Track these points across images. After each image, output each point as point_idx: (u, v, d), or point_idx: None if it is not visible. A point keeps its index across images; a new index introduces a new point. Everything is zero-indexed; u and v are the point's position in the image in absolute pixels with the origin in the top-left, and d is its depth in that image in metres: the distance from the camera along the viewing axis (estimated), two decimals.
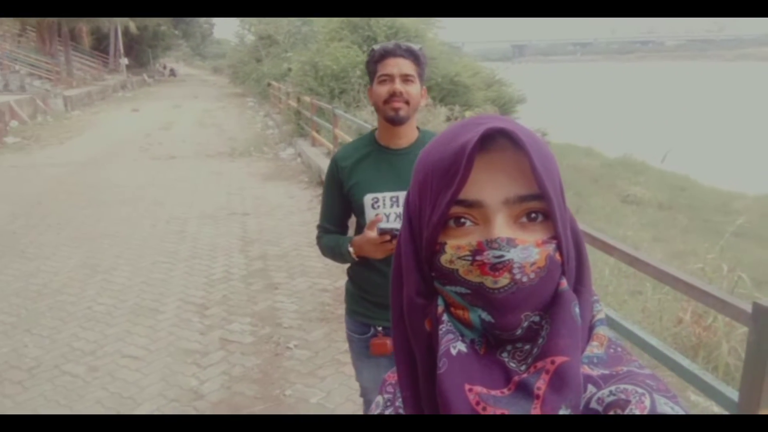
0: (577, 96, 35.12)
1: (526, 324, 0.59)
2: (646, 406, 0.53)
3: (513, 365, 0.59)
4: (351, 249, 1.89)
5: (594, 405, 0.56)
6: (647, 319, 4.09)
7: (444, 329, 0.61)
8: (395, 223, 1.79)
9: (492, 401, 0.56)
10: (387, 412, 0.74)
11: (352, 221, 2.08)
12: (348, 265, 2.09)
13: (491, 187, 0.59)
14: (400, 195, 1.90)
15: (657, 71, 67.79)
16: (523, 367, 0.58)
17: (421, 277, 0.64)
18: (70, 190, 9.09)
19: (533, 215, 0.60)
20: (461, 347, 0.59)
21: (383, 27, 13.15)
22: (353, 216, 2.06)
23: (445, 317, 0.61)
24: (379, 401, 0.77)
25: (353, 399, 3.31)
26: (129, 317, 4.55)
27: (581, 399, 0.56)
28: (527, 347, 0.59)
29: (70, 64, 29.84)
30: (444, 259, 0.61)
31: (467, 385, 0.57)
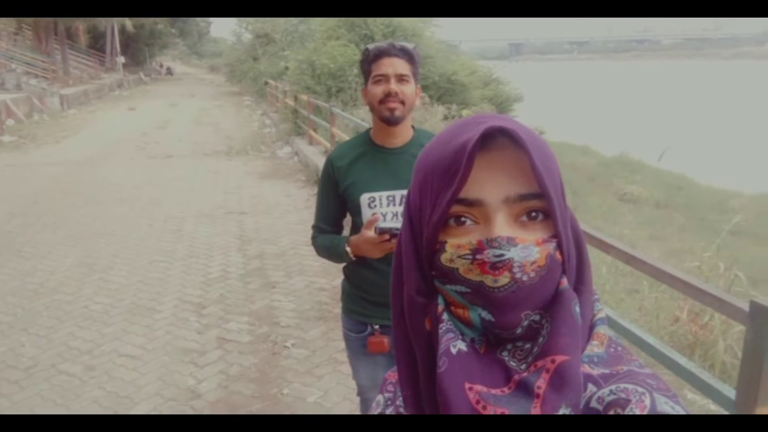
0: (574, 94, 35.15)
1: (526, 323, 0.59)
2: (646, 405, 0.53)
3: (513, 364, 0.59)
4: (348, 249, 1.89)
5: (594, 404, 0.56)
6: (644, 318, 4.10)
7: (444, 328, 0.61)
8: (394, 222, 1.79)
9: (492, 400, 0.56)
10: (388, 411, 0.74)
11: (347, 221, 2.08)
12: (344, 264, 2.09)
13: (491, 186, 0.59)
14: (396, 194, 1.90)
15: (653, 70, 67.87)
16: (524, 366, 0.58)
17: (422, 276, 0.64)
18: (66, 189, 9.07)
19: (533, 214, 0.59)
20: (461, 346, 0.59)
21: (380, 25, 13.12)
22: (348, 216, 2.06)
23: (446, 316, 0.61)
24: (380, 400, 0.77)
25: (350, 398, 3.31)
26: (126, 316, 4.54)
27: (581, 398, 0.56)
28: (527, 346, 0.59)
29: (66, 62, 29.75)
30: (444, 258, 0.60)
31: (467, 384, 0.57)
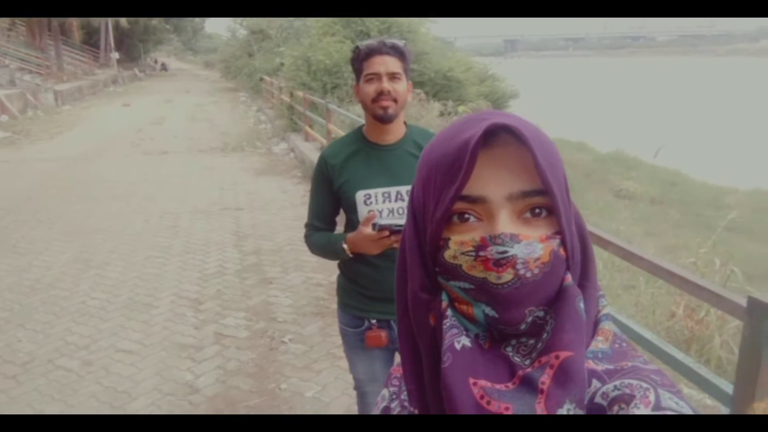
0: (569, 91, 35.17)
1: (530, 319, 0.59)
2: (650, 401, 0.53)
3: (517, 360, 0.59)
4: (345, 246, 1.89)
5: (598, 400, 0.56)
6: (640, 313, 4.12)
7: (448, 324, 0.61)
8: (392, 219, 1.79)
9: (496, 395, 0.56)
10: (392, 405, 0.75)
11: (339, 218, 2.08)
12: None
13: (495, 183, 0.59)
14: (391, 191, 1.91)
15: (648, 66, 67.94)
16: (528, 362, 0.58)
17: (425, 273, 0.64)
18: (61, 185, 9.03)
19: (537, 211, 0.59)
20: (465, 342, 0.59)
21: (376, 22, 13.09)
22: (341, 213, 2.06)
23: (449, 312, 0.62)
24: (385, 394, 0.78)
25: (348, 392, 3.31)
26: (123, 312, 4.53)
27: (585, 394, 0.56)
28: (532, 342, 0.59)
29: (60, 58, 29.60)
30: (448, 255, 0.61)
31: (471, 379, 0.57)
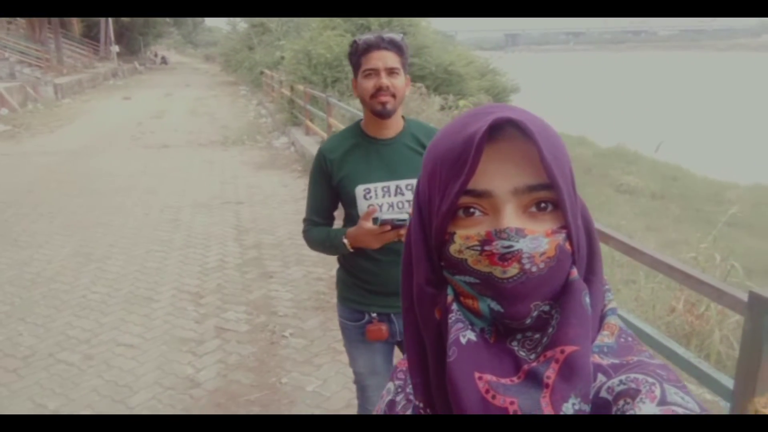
0: (570, 85, 35.11)
1: (535, 313, 0.59)
2: (656, 395, 0.53)
3: (523, 354, 0.59)
4: (346, 240, 1.89)
5: (604, 394, 0.56)
6: (640, 308, 4.12)
7: (453, 318, 0.61)
8: (394, 214, 1.80)
9: (501, 389, 0.56)
10: (398, 398, 0.75)
11: (338, 213, 2.08)
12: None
13: (500, 177, 0.59)
14: (390, 185, 1.91)
15: (649, 61, 67.82)
16: (533, 356, 0.58)
17: (431, 267, 0.64)
18: (61, 178, 9.03)
19: (543, 205, 0.59)
20: (471, 336, 0.59)
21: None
22: (339, 208, 2.06)
23: (455, 306, 0.61)
24: (390, 387, 0.78)
25: (349, 387, 3.32)
26: (124, 306, 4.54)
27: (591, 388, 0.56)
28: (537, 336, 0.59)
29: (60, 51, 29.54)
30: (453, 249, 0.60)
31: (477, 373, 0.57)
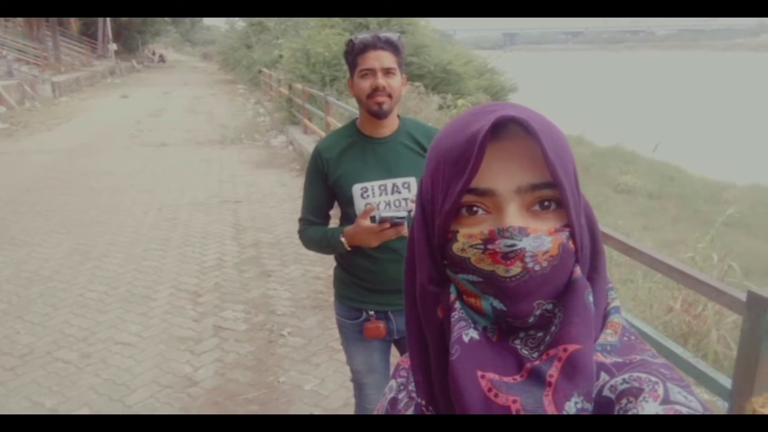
0: (569, 85, 35.14)
1: (538, 312, 0.59)
2: (659, 394, 0.53)
3: (525, 352, 0.59)
4: (343, 239, 1.89)
5: (607, 393, 0.56)
6: (638, 307, 4.13)
7: (456, 317, 0.61)
8: (392, 211, 1.80)
9: (504, 388, 0.56)
10: (400, 396, 0.75)
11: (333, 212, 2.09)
12: None
13: (503, 176, 0.58)
14: (387, 183, 1.92)
15: (648, 61, 67.87)
16: (536, 355, 0.58)
17: (434, 265, 0.64)
18: (59, 177, 9.01)
19: (546, 203, 0.59)
20: (473, 334, 0.59)
21: None
22: (335, 207, 2.06)
23: (458, 305, 0.61)
24: (392, 385, 0.78)
25: (347, 386, 3.32)
26: (121, 304, 4.53)
27: (594, 387, 0.56)
28: (540, 335, 0.59)
29: (58, 49, 29.47)
30: (456, 248, 0.60)
31: (479, 372, 0.57)
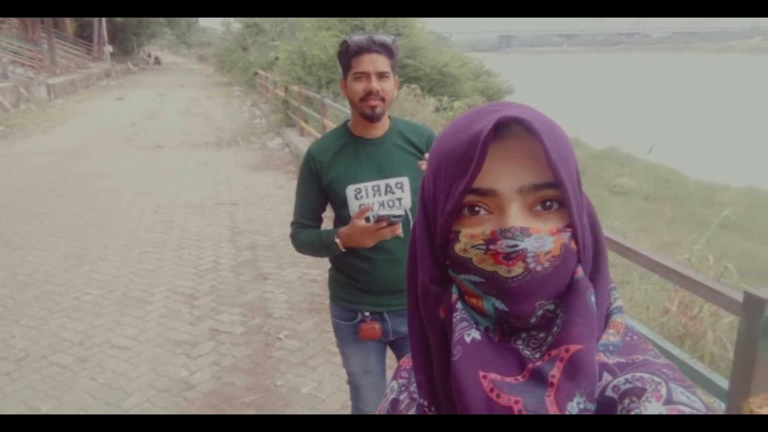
0: (564, 87, 35.21)
1: (540, 312, 0.58)
2: (662, 394, 0.53)
3: (527, 353, 0.58)
4: (338, 240, 1.89)
5: (609, 393, 0.56)
6: (634, 309, 4.13)
7: (458, 317, 0.60)
8: (389, 210, 1.80)
9: (506, 388, 0.55)
10: (401, 397, 0.75)
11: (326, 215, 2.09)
12: None
13: (505, 176, 0.58)
14: (380, 183, 1.92)
15: (642, 63, 68.08)
16: (538, 355, 0.58)
17: (436, 265, 0.64)
18: (54, 179, 8.98)
19: (548, 203, 0.59)
20: (475, 335, 0.59)
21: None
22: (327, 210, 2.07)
23: (459, 305, 0.61)
24: (394, 386, 0.77)
25: (344, 389, 3.30)
26: (117, 308, 4.51)
27: (596, 387, 0.56)
28: (542, 335, 0.59)
29: (53, 51, 29.40)
30: (458, 248, 0.60)
31: (481, 372, 0.57)
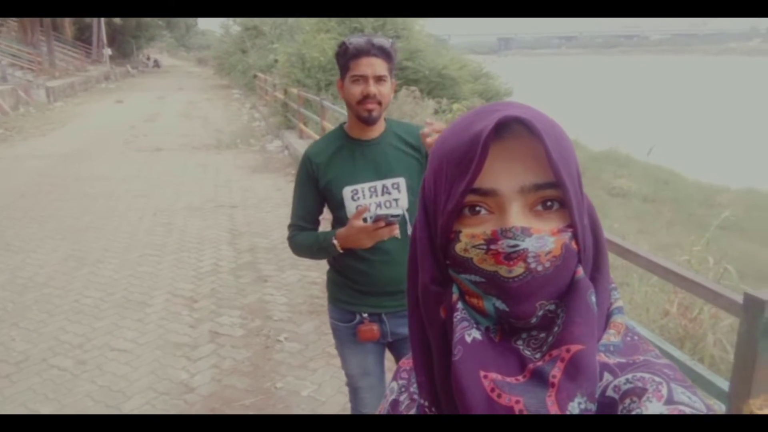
0: (563, 89, 35.24)
1: (541, 312, 0.58)
2: (663, 395, 0.53)
3: (528, 353, 0.58)
4: (336, 242, 1.89)
5: (610, 393, 0.56)
6: (634, 311, 4.13)
7: (459, 317, 0.60)
8: (388, 210, 1.81)
9: (507, 388, 0.55)
10: (401, 397, 0.75)
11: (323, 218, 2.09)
12: None
13: (506, 176, 0.58)
14: (377, 185, 1.93)
15: (642, 65, 68.17)
16: (538, 355, 0.58)
17: (436, 265, 0.64)
18: (54, 182, 8.98)
19: (549, 203, 0.59)
20: (476, 335, 0.59)
21: (370, 19, 13.08)
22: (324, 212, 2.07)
23: (460, 305, 0.61)
24: (393, 387, 0.77)
25: (344, 391, 3.28)
26: (117, 310, 4.51)
27: (597, 387, 0.56)
28: (542, 335, 0.59)
29: (52, 54, 29.39)
30: (459, 248, 0.60)
31: (482, 372, 0.57)
